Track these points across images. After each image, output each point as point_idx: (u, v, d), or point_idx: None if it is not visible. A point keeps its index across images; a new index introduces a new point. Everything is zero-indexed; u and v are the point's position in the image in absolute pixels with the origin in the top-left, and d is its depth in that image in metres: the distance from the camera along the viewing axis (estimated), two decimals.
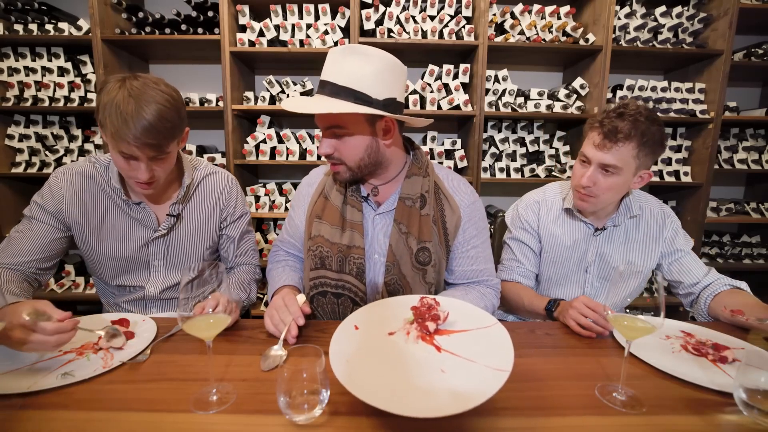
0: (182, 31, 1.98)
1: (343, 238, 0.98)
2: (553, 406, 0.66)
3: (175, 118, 0.90)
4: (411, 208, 0.97)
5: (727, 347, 0.84)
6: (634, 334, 0.69)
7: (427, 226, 0.98)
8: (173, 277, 1.12)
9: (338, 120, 0.89)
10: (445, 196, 1.03)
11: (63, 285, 2.16)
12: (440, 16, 2.02)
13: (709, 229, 2.42)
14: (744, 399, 0.60)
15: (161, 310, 1.14)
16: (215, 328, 0.67)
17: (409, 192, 0.98)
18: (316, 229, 1.00)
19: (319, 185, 1.07)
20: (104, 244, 1.05)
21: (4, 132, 2.11)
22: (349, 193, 1.00)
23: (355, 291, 0.98)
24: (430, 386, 0.61)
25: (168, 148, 0.92)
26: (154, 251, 1.10)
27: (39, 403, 0.64)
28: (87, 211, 1.03)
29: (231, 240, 1.19)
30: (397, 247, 0.97)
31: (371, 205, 1.01)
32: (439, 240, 1.00)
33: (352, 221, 0.98)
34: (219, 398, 0.66)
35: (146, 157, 0.89)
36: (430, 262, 0.98)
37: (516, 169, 2.20)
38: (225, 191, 1.16)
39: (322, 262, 0.99)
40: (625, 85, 2.12)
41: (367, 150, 0.92)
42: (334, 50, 0.89)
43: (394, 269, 0.97)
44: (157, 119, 0.85)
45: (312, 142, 2.17)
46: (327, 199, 1.02)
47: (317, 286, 1.00)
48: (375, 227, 1.00)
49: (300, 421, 0.59)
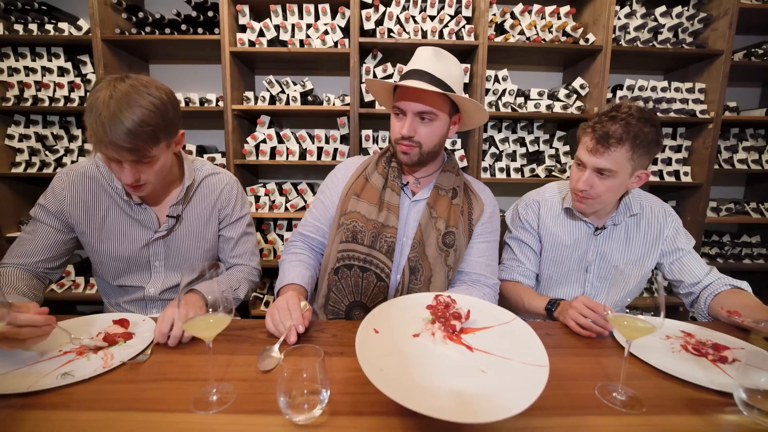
0: (182, 31, 1.98)
1: (379, 217, 1.05)
2: (553, 406, 0.66)
3: (158, 122, 0.87)
4: (444, 197, 1.09)
5: (727, 347, 0.84)
6: (635, 334, 0.69)
7: (456, 214, 1.08)
8: (174, 278, 1.12)
9: (433, 105, 0.99)
10: (472, 192, 1.16)
11: (63, 285, 2.16)
12: (440, 16, 2.02)
13: (709, 229, 2.42)
14: (744, 399, 0.60)
15: (162, 311, 1.14)
16: (215, 328, 0.67)
17: (444, 184, 1.10)
18: (352, 206, 1.07)
19: (358, 169, 1.15)
20: (106, 244, 1.05)
21: (4, 132, 2.11)
22: (391, 178, 1.09)
23: (381, 267, 1.04)
24: (479, 389, 0.60)
25: (151, 153, 0.89)
26: (155, 252, 1.09)
27: (39, 403, 0.64)
28: (89, 211, 1.03)
29: (228, 241, 1.18)
30: (425, 228, 1.06)
31: (407, 193, 1.11)
32: (464, 229, 1.10)
33: (390, 203, 1.07)
34: (219, 398, 0.66)
35: (128, 161, 0.88)
36: (454, 245, 1.07)
37: (516, 169, 2.20)
38: (224, 192, 1.15)
39: (354, 237, 1.05)
40: (625, 85, 2.12)
41: (441, 138, 1.05)
42: (426, 48, 1.02)
43: (419, 247, 1.05)
44: (136, 124, 0.83)
45: (312, 142, 2.17)
46: (367, 181, 1.10)
47: (345, 258, 1.05)
48: (409, 212, 1.10)
49: (300, 421, 0.59)
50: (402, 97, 1.01)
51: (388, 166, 1.11)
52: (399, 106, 1.02)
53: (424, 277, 1.05)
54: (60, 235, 1.03)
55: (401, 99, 1.01)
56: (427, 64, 0.99)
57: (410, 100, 0.99)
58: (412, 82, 0.97)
